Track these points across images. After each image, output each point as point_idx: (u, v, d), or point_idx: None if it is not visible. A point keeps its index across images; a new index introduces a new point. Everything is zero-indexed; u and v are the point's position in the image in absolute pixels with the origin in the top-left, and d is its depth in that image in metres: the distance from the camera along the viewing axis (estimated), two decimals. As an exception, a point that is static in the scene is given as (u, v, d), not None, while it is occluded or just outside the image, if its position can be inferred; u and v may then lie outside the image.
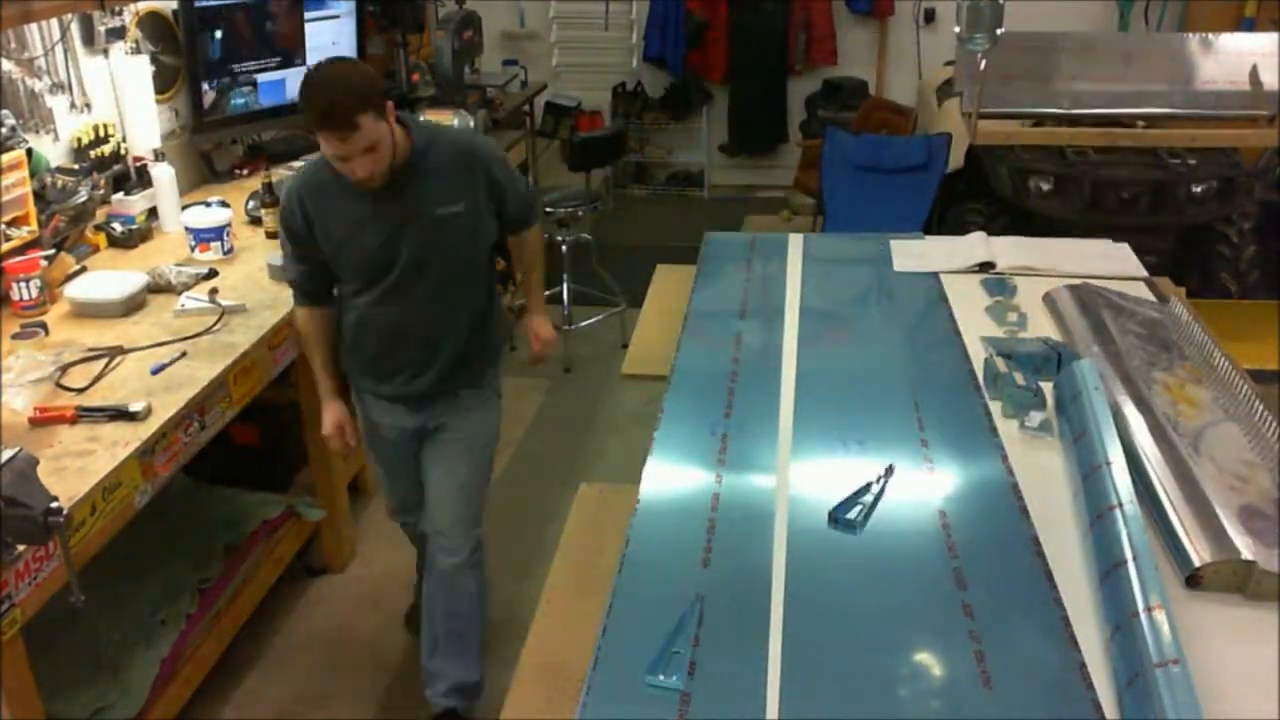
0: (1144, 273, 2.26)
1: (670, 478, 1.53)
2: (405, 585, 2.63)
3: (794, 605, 1.23)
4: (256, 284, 2.34)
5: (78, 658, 1.98)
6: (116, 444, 1.70)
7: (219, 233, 2.46)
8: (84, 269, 2.38)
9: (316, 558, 2.67)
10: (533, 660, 1.67)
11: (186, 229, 2.48)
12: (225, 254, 2.47)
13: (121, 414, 1.76)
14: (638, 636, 1.17)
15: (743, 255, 2.41)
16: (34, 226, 2.24)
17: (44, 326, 2.11)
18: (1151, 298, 2.10)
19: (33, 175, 2.26)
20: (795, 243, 2.44)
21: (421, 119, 3.55)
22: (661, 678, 1.11)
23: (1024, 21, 3.53)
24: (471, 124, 3.58)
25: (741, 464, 1.53)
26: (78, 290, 2.20)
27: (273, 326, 2.15)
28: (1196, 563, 1.25)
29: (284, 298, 2.26)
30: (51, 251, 2.28)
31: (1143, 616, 1.12)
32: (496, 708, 2.15)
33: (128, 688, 1.96)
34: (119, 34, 2.65)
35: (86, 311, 2.17)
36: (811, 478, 1.51)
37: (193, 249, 2.46)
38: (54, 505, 1.42)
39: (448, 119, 3.57)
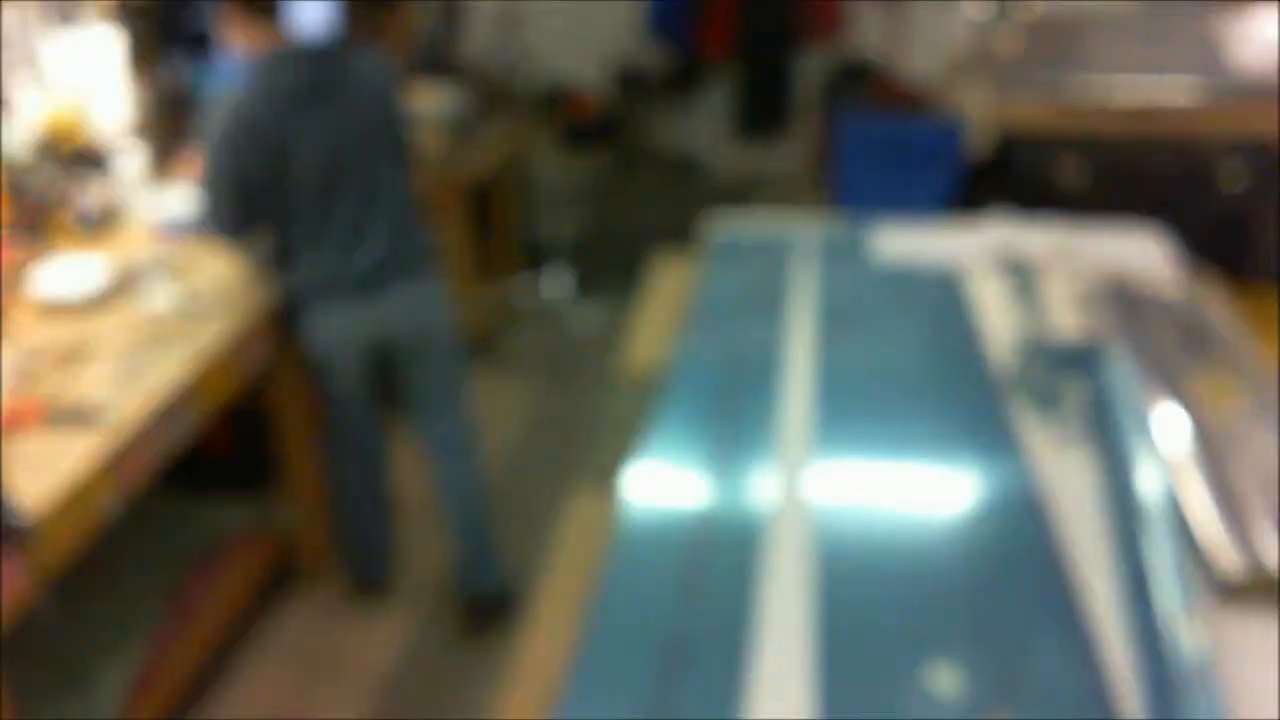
0: (1179, 264, 2.13)
1: (655, 495, 1.45)
2: (398, 588, 2.55)
3: (801, 614, 1.17)
4: (228, 281, 2.23)
5: (47, 673, 1.92)
6: (85, 450, 1.60)
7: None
8: (50, 262, 2.27)
9: (292, 566, 2.58)
10: (527, 665, 1.60)
11: (162, 221, 2.37)
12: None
13: (90, 417, 1.66)
14: (606, 676, 1.12)
15: (748, 251, 2.31)
16: (-2, 218, 2.15)
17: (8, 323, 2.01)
18: (1187, 292, 1.98)
19: (-3, 164, 2.17)
20: (804, 233, 2.32)
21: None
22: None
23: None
24: (462, 110, 3.47)
25: (731, 482, 1.45)
26: (44, 285, 2.10)
27: (246, 328, 2.04)
28: (1229, 572, 1.19)
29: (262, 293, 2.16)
30: (17, 243, 2.18)
31: (1172, 628, 1.08)
32: (490, 713, 2.09)
33: (98, 703, 1.90)
34: (89, 16, 2.55)
35: (54, 307, 2.07)
36: (819, 482, 1.42)
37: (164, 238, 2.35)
38: (18, 515, 1.34)
39: (437, 104, 3.46)
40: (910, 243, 2.26)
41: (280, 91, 1.94)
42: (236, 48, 2.00)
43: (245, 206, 1.99)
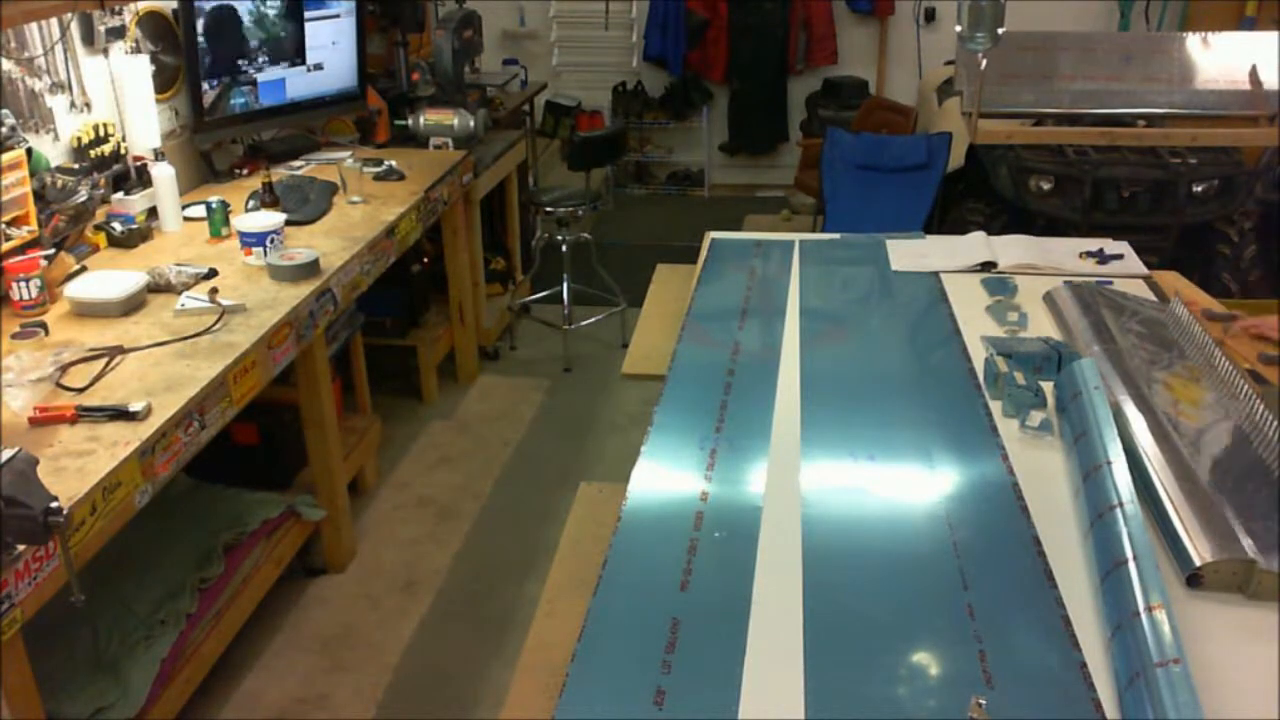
0: (1144, 271, 2.26)
1: (654, 494, 1.50)
2: (406, 585, 2.64)
3: (795, 604, 1.23)
4: (256, 284, 2.34)
5: (78, 658, 1.97)
6: (116, 444, 1.69)
7: (261, 239, 2.43)
8: (84, 268, 2.37)
9: (316, 558, 2.67)
10: (533, 659, 1.67)
11: (239, 232, 2.46)
12: (267, 259, 2.41)
13: (121, 414, 1.76)
14: (607, 665, 1.15)
15: (746, 257, 2.41)
16: (34, 226, 2.24)
17: (44, 326, 2.10)
18: (1152, 297, 2.10)
19: (33, 175, 2.26)
20: (798, 244, 2.44)
21: (423, 118, 3.59)
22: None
23: (1024, 21, 3.53)
24: (471, 124, 3.58)
25: (729, 479, 1.50)
26: (78, 290, 2.20)
27: (273, 326, 2.14)
28: (1197, 562, 1.25)
29: (284, 297, 2.27)
30: (51, 251, 2.27)
31: (1143, 616, 1.12)
32: (497, 707, 2.17)
33: (128, 687, 1.95)
34: (119, 34, 2.65)
35: (86, 311, 2.17)
36: (810, 479, 1.50)
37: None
38: (54, 505, 1.41)
39: (448, 119, 3.57)
40: (896, 252, 2.38)
41: None
42: None
43: None
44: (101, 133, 2.60)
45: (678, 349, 1.94)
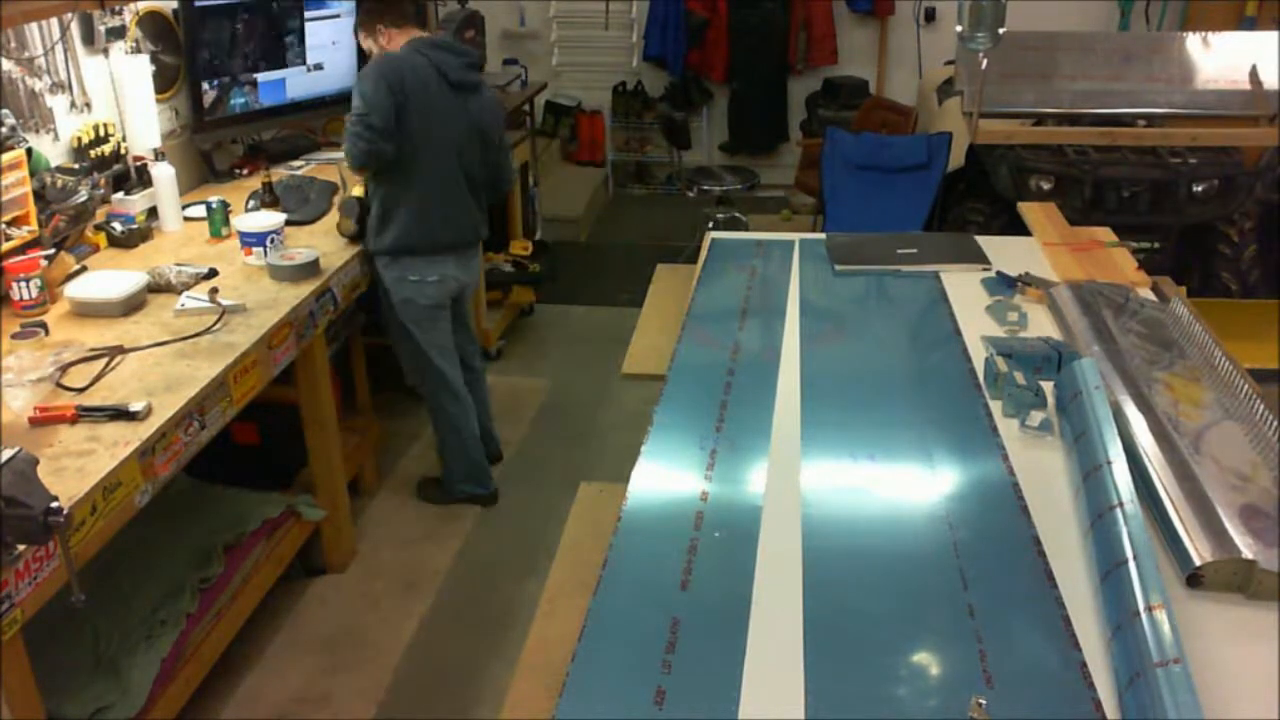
0: (1146, 271, 2.25)
1: (654, 494, 1.50)
2: (406, 585, 2.63)
3: (795, 604, 1.23)
4: (256, 284, 2.34)
5: (78, 658, 1.97)
6: (116, 444, 1.69)
7: (261, 239, 2.43)
8: (84, 268, 2.37)
9: (316, 558, 2.67)
10: (533, 659, 1.67)
11: (239, 232, 2.46)
12: (267, 259, 2.41)
13: (121, 414, 1.76)
14: (607, 665, 1.15)
15: (746, 257, 2.41)
16: (34, 226, 2.24)
17: (44, 326, 2.11)
18: (1152, 297, 2.10)
19: (33, 175, 2.26)
20: (798, 244, 2.44)
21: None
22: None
23: (1024, 21, 3.53)
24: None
25: (729, 479, 1.50)
26: (78, 290, 2.20)
27: (273, 326, 2.14)
28: (1197, 562, 1.25)
29: (284, 298, 2.27)
30: (51, 251, 2.27)
31: (1143, 616, 1.12)
32: (496, 707, 2.17)
33: (128, 687, 1.95)
34: (119, 34, 2.65)
35: (86, 311, 2.17)
36: (810, 479, 1.50)
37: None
38: (54, 505, 1.41)
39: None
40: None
41: (434, 68, 2.47)
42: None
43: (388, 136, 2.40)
44: (101, 133, 2.60)
45: (678, 349, 1.94)
